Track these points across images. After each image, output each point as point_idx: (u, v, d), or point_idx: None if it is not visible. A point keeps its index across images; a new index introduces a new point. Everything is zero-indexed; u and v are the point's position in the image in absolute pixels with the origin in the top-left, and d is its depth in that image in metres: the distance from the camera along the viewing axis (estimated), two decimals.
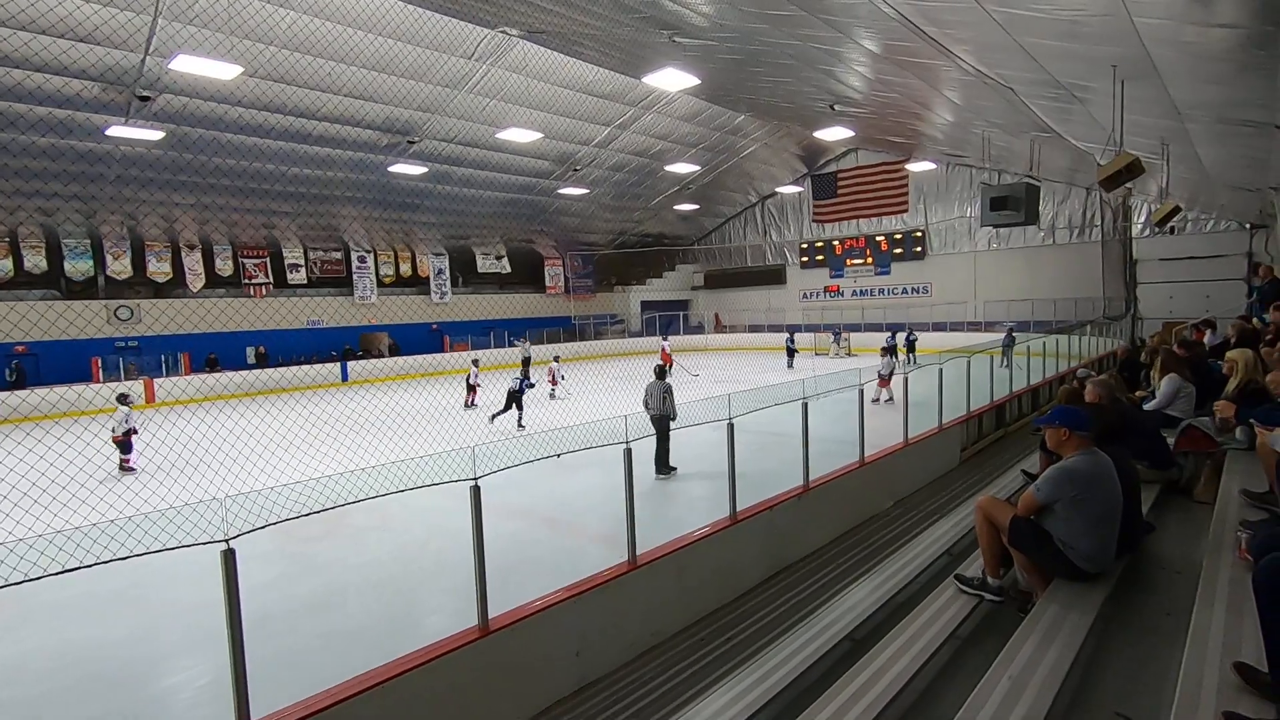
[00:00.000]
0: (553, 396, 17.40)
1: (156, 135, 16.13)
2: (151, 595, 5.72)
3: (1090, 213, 24.89)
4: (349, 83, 16.78)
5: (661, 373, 9.23)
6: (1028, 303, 25.92)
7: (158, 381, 20.73)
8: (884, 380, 13.63)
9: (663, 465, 8.63)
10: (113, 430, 10.48)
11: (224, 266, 23.92)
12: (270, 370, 23.05)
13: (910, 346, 26.07)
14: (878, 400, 13.08)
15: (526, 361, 20.62)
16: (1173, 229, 21.37)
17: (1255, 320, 8.42)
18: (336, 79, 16.36)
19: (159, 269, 22.56)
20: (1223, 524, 3.63)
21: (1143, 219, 23.27)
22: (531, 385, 14.67)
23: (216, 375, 21.33)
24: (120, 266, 21.82)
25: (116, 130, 15.56)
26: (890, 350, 17.45)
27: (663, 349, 20.80)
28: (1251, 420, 3.38)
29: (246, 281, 24.47)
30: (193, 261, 23.17)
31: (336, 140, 19.44)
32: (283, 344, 24.74)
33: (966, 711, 2.48)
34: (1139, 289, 23.71)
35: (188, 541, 2.57)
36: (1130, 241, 23.82)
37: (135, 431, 10.62)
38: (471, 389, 16.50)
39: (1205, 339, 9.51)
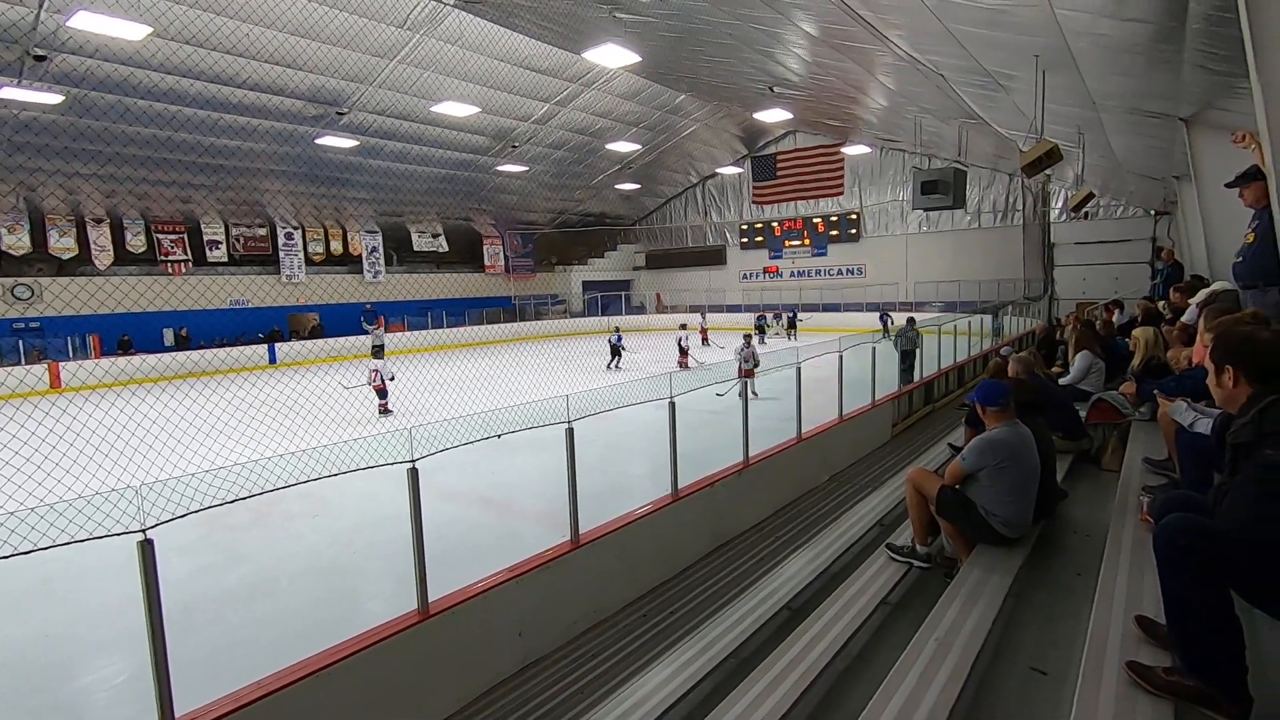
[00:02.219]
0: (384, 412, 13.54)
1: (54, 99, 14.90)
2: (62, 592, 5.38)
3: (1013, 198, 26.08)
4: (271, 48, 15.84)
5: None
6: (955, 284, 27.04)
7: (64, 365, 19.36)
8: (747, 371, 9.88)
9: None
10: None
11: (136, 242, 22.40)
12: (191, 353, 21.83)
13: (791, 324, 26.85)
14: (723, 396, 8.36)
15: (379, 349, 19.33)
16: (1087, 214, 22.62)
17: (1160, 302, 9.01)
18: (257, 43, 15.42)
19: (62, 244, 20.97)
20: (1127, 490, 3.90)
21: (1060, 204, 24.53)
22: (391, 378, 13.67)
23: (131, 358, 20.02)
24: (15, 241, 20.16)
25: (8, 92, 14.28)
26: (759, 330, 13.91)
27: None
28: (1155, 391, 3.63)
29: (162, 259, 23.00)
30: (100, 236, 21.60)
31: (259, 109, 18.39)
32: (204, 325, 23.44)
33: (897, 673, 2.59)
34: (1056, 271, 25.04)
35: (100, 533, 2.41)
36: (1049, 226, 25.09)
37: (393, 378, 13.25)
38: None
39: (1114, 318, 10.14)
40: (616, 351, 19.76)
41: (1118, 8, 4.79)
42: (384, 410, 13.32)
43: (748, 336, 14.13)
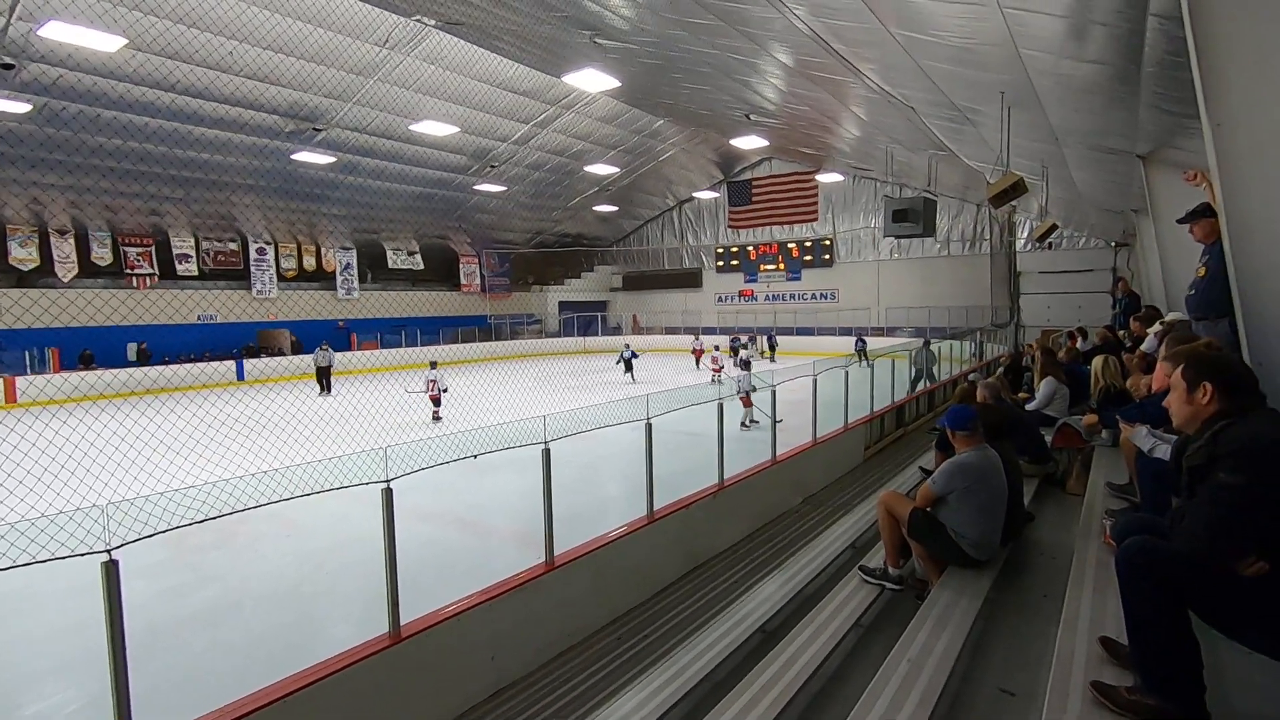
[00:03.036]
0: (436, 419, 14.08)
1: (22, 108, 14.62)
2: (9, 615, 5.18)
3: (980, 227, 26.81)
4: (248, 63, 15.78)
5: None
6: (925, 309, 27.60)
7: (19, 379, 18.73)
8: (745, 399, 11.60)
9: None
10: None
11: (102, 255, 21.88)
12: (157, 368, 21.25)
13: (771, 346, 27.36)
14: (745, 425, 11.30)
15: (324, 371, 19.33)
16: (1050, 245, 23.33)
17: (1120, 331, 9.32)
18: (234, 58, 15.35)
19: (23, 255, 20.39)
20: (1091, 513, 4.00)
21: (1025, 234, 25.27)
22: (445, 390, 14.08)
23: (92, 374, 19.43)
24: None
25: None
26: (744, 359, 15.04)
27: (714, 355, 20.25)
28: (1117, 417, 3.75)
29: (129, 272, 22.47)
30: (64, 248, 21.08)
31: (233, 123, 18.22)
32: (171, 340, 22.86)
33: (870, 694, 2.62)
34: (1022, 299, 25.71)
35: (62, 553, 2.35)
36: (1015, 255, 25.81)
37: (446, 390, 13.92)
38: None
39: (1078, 344, 10.46)
40: (629, 365, 21.05)
41: (1078, 49, 5.02)
42: (436, 418, 14.11)
43: (745, 362, 14.36)
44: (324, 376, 19.35)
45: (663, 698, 3.06)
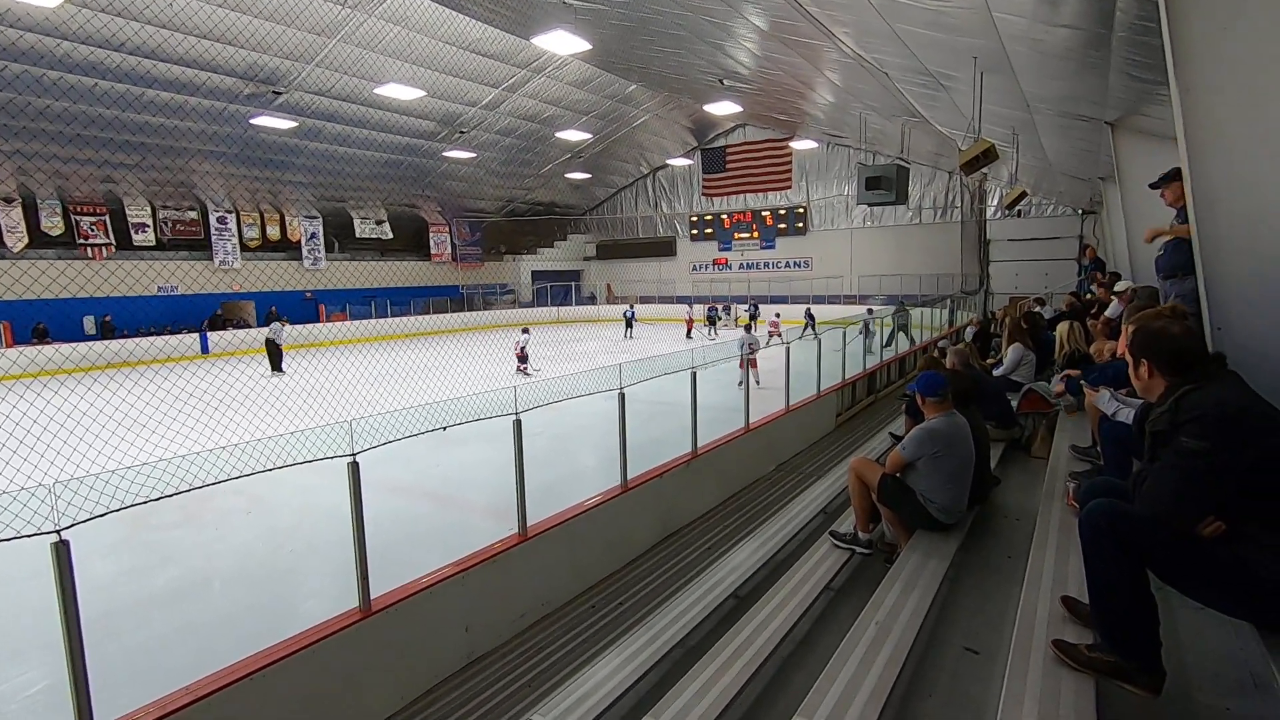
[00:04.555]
0: (524, 372, 15.74)
1: None
2: None
3: (951, 195, 26.99)
4: (201, 21, 15.06)
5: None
6: (897, 277, 27.85)
7: None
8: (752, 360, 11.19)
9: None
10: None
11: (53, 224, 20.98)
12: (118, 342, 20.58)
13: (752, 316, 27.94)
14: (758, 384, 10.61)
15: (272, 344, 17.99)
16: (1020, 213, 23.60)
17: (1087, 295, 9.49)
18: (185, 16, 14.62)
19: None
20: (1055, 476, 4.09)
21: (995, 202, 25.51)
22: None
23: (49, 348, 18.73)
24: None
25: None
26: (710, 322, 16.25)
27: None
28: (1081, 382, 3.81)
29: (83, 242, 21.59)
30: (12, 217, 20.16)
31: (188, 86, 17.44)
32: (131, 313, 22.11)
33: (840, 656, 2.66)
34: (991, 266, 26.06)
35: (8, 534, 2.25)
36: (985, 223, 26.08)
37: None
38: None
39: (1038, 310, 10.67)
40: (630, 323, 24.53)
41: (1051, 13, 4.99)
42: (525, 372, 15.66)
43: (748, 326, 14.74)
44: (274, 353, 17.78)
45: (637, 663, 3.09)
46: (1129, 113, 7.06)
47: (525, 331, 16.91)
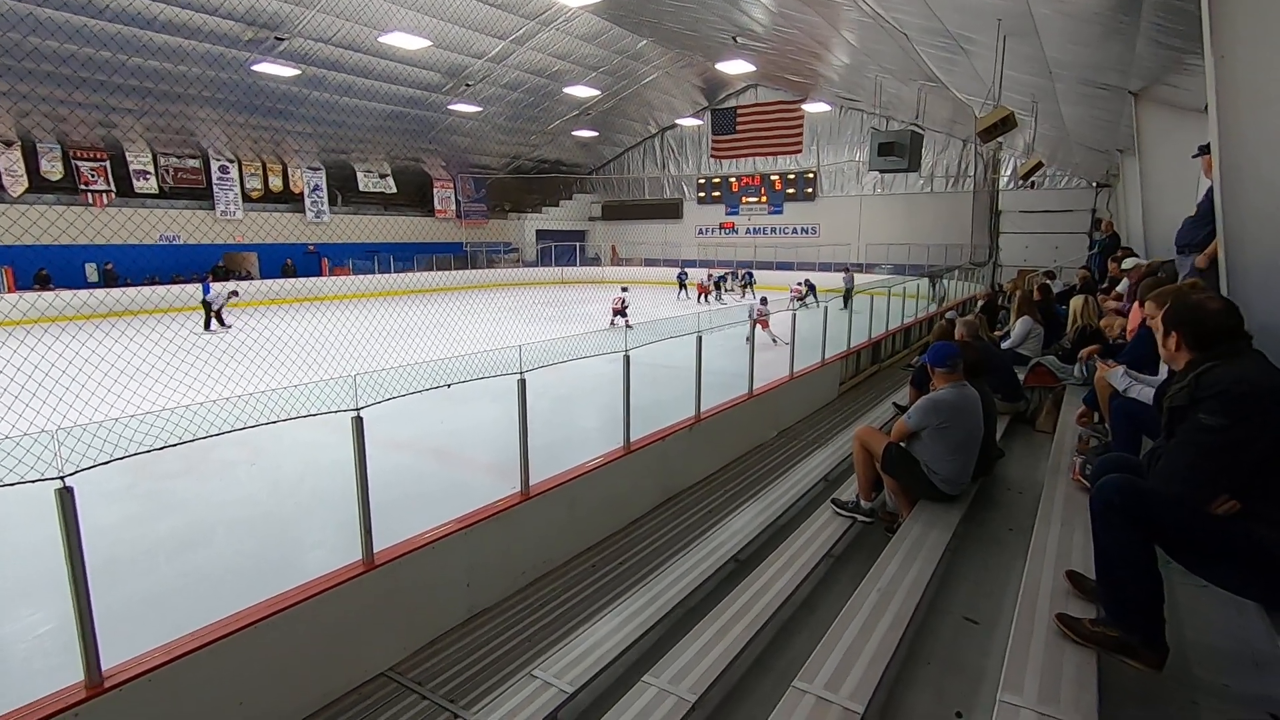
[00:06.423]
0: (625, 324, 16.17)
1: None
2: None
3: (964, 164, 26.50)
4: None
5: None
6: (905, 246, 27.53)
7: None
8: (763, 320, 11.84)
9: None
10: None
11: (52, 169, 20.69)
12: (121, 290, 20.47)
13: (746, 285, 28.02)
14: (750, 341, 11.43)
15: (208, 306, 17.37)
16: (1034, 184, 23.21)
17: (1095, 270, 9.36)
18: None
19: None
20: (1060, 451, 4.08)
21: (1009, 172, 25.07)
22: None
23: (51, 294, 18.63)
24: None
25: None
26: (716, 287, 16.93)
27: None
28: (1096, 358, 3.77)
29: (83, 188, 21.32)
30: (10, 160, 19.88)
31: (186, 28, 17.00)
32: (133, 261, 21.94)
33: (840, 622, 2.67)
34: (1001, 238, 25.75)
35: (12, 479, 2.24)
36: (997, 193, 25.67)
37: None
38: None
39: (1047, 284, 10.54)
40: (683, 285, 25.46)
41: None
42: (626, 324, 15.86)
43: (764, 297, 15.13)
44: (210, 311, 17.22)
45: (637, 622, 3.12)
46: (1154, 82, 6.86)
47: (625, 289, 18.59)
